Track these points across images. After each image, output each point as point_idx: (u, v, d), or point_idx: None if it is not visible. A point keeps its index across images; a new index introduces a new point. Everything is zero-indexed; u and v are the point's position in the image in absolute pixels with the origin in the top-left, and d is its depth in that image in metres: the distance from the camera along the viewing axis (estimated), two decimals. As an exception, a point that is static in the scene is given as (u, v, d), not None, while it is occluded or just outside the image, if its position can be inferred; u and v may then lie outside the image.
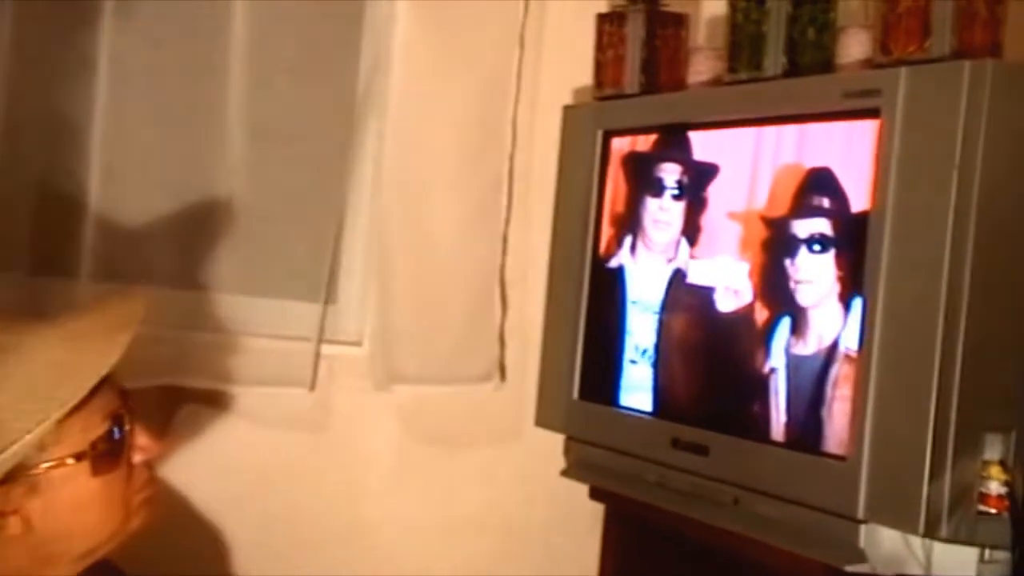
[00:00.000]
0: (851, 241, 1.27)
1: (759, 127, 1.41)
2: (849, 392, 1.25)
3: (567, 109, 1.74)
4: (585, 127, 1.66)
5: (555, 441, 1.70)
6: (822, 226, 1.31)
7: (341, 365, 1.70)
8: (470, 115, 1.71)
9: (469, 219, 1.72)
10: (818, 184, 1.32)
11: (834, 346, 1.29)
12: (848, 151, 1.29)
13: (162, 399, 1.54)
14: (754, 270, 1.40)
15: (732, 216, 1.43)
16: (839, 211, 1.30)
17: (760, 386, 1.37)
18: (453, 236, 1.71)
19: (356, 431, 1.73)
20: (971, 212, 1.17)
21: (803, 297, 1.33)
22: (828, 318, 1.30)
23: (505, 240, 1.76)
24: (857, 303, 1.26)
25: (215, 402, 1.60)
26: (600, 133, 1.64)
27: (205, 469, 1.59)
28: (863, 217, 1.26)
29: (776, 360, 1.35)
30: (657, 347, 1.54)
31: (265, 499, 1.66)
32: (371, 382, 1.71)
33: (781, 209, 1.36)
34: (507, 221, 1.76)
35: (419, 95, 1.66)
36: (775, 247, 1.37)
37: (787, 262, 1.34)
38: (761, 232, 1.39)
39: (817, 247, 1.30)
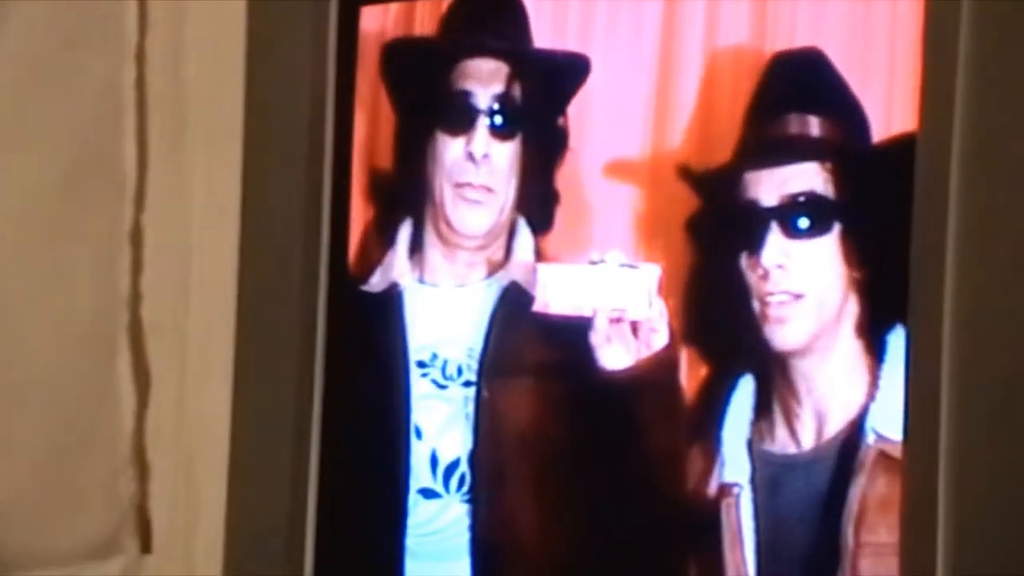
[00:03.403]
0: (877, 209, 1.27)
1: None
2: (889, 537, 1.26)
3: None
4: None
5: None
6: (811, 179, 1.34)
7: None
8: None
9: (49, 201, 1.72)
10: (800, 89, 1.35)
11: (854, 436, 1.31)
12: (858, 21, 1.32)
13: None
14: (672, 277, 1.41)
15: (619, 168, 1.44)
16: (846, 144, 1.33)
17: (700, 532, 1.39)
18: (12, 242, 1.69)
19: None
20: None
21: (782, 334, 1.32)
22: (837, 376, 1.30)
23: (137, 240, 1.75)
24: (897, 340, 1.25)
25: None
26: None
27: None
28: (901, 153, 1.26)
29: (733, 471, 1.38)
30: (475, 459, 1.54)
31: None
32: None
33: (723, 149, 1.37)
34: (138, 201, 1.75)
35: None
36: (717, 230, 1.38)
37: (743, 260, 1.35)
38: (683, 199, 1.39)
39: (804, 222, 1.33)
